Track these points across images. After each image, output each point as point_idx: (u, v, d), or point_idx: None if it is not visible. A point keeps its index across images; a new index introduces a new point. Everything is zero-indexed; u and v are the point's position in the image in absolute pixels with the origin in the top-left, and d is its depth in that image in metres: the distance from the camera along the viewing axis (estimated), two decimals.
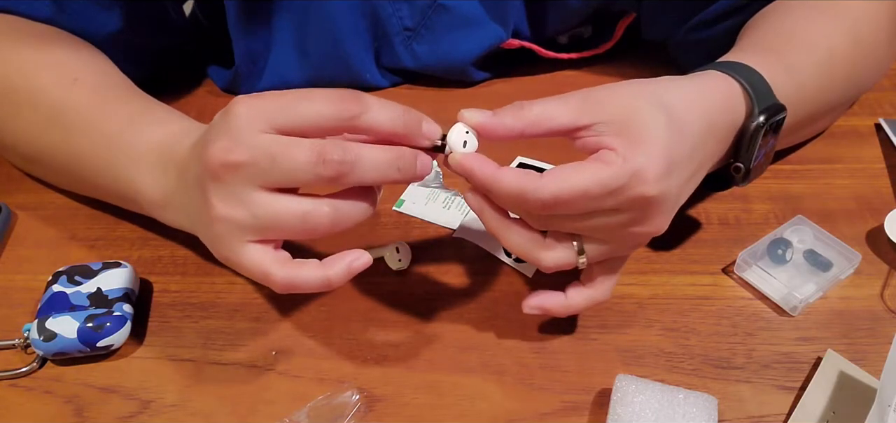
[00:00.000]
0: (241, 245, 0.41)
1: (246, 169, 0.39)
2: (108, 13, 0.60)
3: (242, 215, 0.40)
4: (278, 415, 0.45)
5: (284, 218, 0.40)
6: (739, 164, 0.48)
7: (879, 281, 0.52)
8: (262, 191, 0.40)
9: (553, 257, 0.43)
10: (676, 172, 0.42)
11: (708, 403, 0.43)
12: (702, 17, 0.64)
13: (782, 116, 0.48)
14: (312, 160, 0.39)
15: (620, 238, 0.43)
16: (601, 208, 0.41)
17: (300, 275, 0.41)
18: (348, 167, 0.39)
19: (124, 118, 0.52)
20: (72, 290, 0.50)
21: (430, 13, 0.67)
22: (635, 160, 0.40)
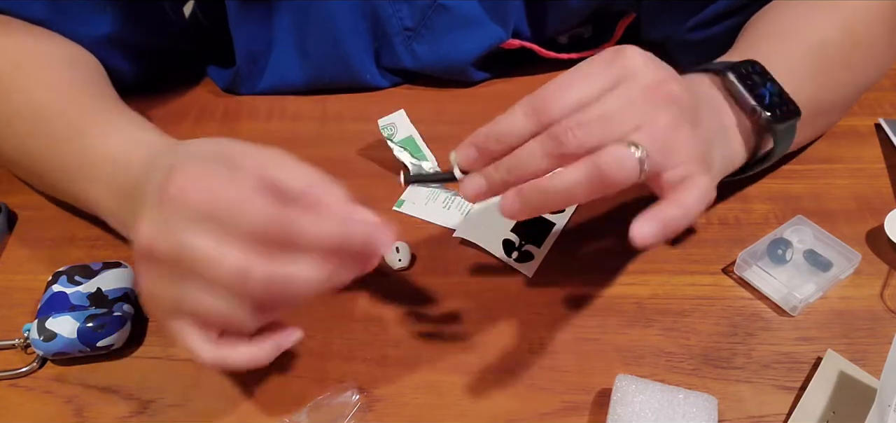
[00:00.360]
0: (168, 319, 0.40)
1: (167, 264, 0.38)
2: (103, 14, 0.60)
3: (166, 299, 0.39)
4: (278, 415, 0.45)
5: (206, 313, 0.39)
6: (755, 106, 0.48)
7: (879, 281, 0.52)
8: (186, 283, 0.38)
9: (609, 157, 0.38)
10: (659, 62, 0.43)
11: (708, 403, 0.43)
12: (701, 18, 0.64)
13: (756, 65, 0.50)
14: (235, 281, 0.36)
15: (646, 112, 0.40)
16: (603, 86, 0.41)
17: (228, 357, 0.40)
18: (276, 289, 0.37)
19: (82, 124, 0.51)
20: (72, 290, 0.50)
21: (430, 13, 0.67)
22: (615, 50, 0.42)
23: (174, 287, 0.38)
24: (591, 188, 0.39)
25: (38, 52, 0.57)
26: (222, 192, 0.36)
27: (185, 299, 0.38)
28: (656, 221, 0.39)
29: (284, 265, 0.37)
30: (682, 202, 0.40)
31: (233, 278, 0.36)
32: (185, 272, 0.37)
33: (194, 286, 0.38)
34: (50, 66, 0.56)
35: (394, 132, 0.62)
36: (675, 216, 0.40)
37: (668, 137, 0.41)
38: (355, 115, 0.69)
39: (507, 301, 0.52)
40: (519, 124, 0.41)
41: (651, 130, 0.40)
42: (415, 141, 0.62)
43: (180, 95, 0.72)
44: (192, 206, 0.37)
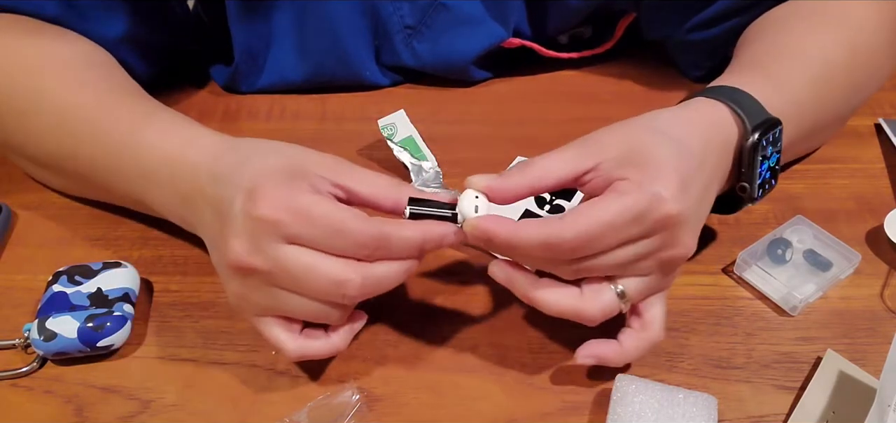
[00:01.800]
0: (257, 317, 0.44)
1: (264, 276, 0.41)
2: (115, 13, 0.60)
3: (260, 302, 0.43)
4: (278, 415, 0.45)
5: (302, 313, 0.43)
6: (744, 183, 0.48)
7: (879, 281, 0.52)
8: (281, 290, 0.42)
9: (595, 305, 0.42)
10: (691, 187, 0.42)
11: (708, 403, 0.43)
12: (701, 18, 0.64)
13: (779, 130, 0.48)
14: (332, 291, 0.41)
15: (653, 268, 0.43)
16: (629, 238, 0.40)
17: (312, 349, 0.44)
18: (367, 293, 0.42)
19: (131, 125, 0.51)
20: (72, 290, 0.50)
21: (430, 12, 0.67)
22: (651, 184, 0.40)
23: (267, 295, 0.42)
24: (569, 318, 0.43)
25: (58, 51, 0.57)
26: (317, 211, 0.40)
27: (279, 305, 0.42)
28: (597, 358, 0.45)
29: (376, 270, 0.41)
30: (627, 353, 0.45)
31: (330, 288, 0.41)
32: (280, 283, 0.41)
33: (288, 294, 0.42)
34: (76, 66, 0.56)
35: (394, 132, 0.62)
36: (613, 361, 0.45)
37: (656, 288, 0.44)
38: (355, 114, 0.69)
39: (507, 301, 0.52)
40: (535, 252, 0.41)
41: (646, 287, 0.43)
42: (415, 141, 0.62)
43: (180, 94, 0.72)
44: (286, 227, 0.40)
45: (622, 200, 0.40)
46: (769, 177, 0.49)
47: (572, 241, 0.40)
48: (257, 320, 0.44)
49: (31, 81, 0.55)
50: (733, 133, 0.47)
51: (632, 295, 0.43)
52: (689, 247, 0.42)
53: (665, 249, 0.42)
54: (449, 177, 0.61)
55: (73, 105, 0.53)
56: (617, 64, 0.74)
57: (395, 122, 0.62)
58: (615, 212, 0.40)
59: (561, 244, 0.40)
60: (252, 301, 0.43)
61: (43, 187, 0.62)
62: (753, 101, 0.48)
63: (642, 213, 0.40)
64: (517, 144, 0.63)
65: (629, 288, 0.43)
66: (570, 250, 0.40)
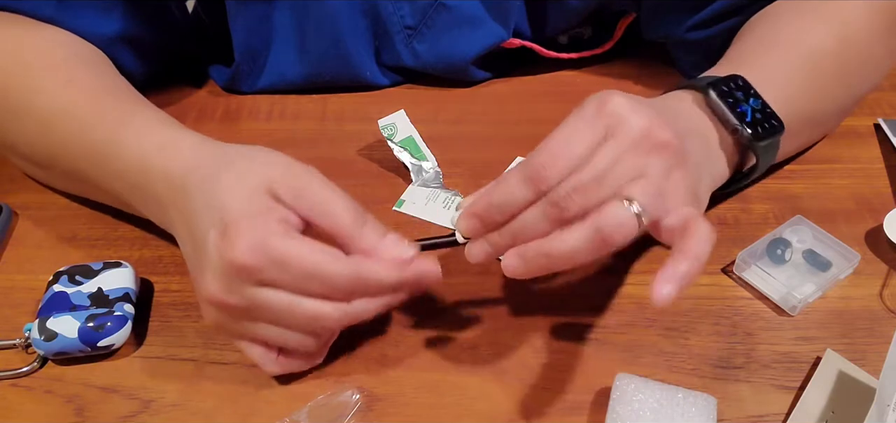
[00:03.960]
0: (235, 340, 0.45)
1: (241, 310, 0.42)
2: (110, 12, 0.60)
3: (236, 330, 0.44)
4: (278, 415, 0.45)
5: (283, 342, 0.44)
6: (735, 125, 0.49)
7: (878, 281, 0.52)
8: (258, 323, 0.43)
9: (608, 218, 0.39)
10: (634, 100, 0.43)
11: (707, 402, 0.43)
12: (701, 17, 0.64)
13: (739, 80, 0.50)
14: (310, 327, 0.43)
15: (641, 165, 0.41)
16: (594, 140, 0.41)
17: (294, 365, 0.46)
18: (345, 325, 0.43)
19: (110, 124, 0.51)
20: (72, 290, 0.50)
21: (431, 12, 0.67)
22: (591, 100, 0.43)
23: (244, 326, 0.43)
24: (593, 250, 0.40)
25: (49, 50, 0.57)
26: (291, 255, 0.40)
27: (257, 334, 0.43)
28: (675, 281, 0.39)
29: (354, 306, 0.42)
30: (691, 253, 0.40)
31: (308, 322, 0.42)
32: (257, 316, 0.42)
33: (266, 325, 0.43)
34: (66, 65, 0.56)
35: (394, 132, 0.62)
36: (689, 271, 0.40)
37: (662, 186, 0.42)
38: (355, 115, 0.69)
39: (507, 301, 0.52)
40: (517, 194, 0.42)
41: (645, 183, 0.41)
42: (415, 141, 0.62)
43: (180, 94, 0.72)
44: (261, 274, 0.40)
45: (575, 112, 0.43)
46: (761, 118, 0.50)
47: (543, 159, 0.41)
48: (237, 342, 0.45)
49: (23, 80, 0.55)
50: (693, 98, 0.50)
51: (639, 198, 0.40)
52: (659, 129, 0.42)
53: (638, 142, 0.41)
54: (449, 177, 0.61)
55: (61, 104, 0.53)
56: (617, 64, 0.74)
57: (395, 122, 0.62)
58: (570, 119, 0.43)
59: (535, 166, 0.41)
60: (230, 329, 0.44)
61: (43, 187, 0.62)
62: (705, 76, 0.51)
63: (588, 113, 0.42)
64: (517, 144, 0.63)
65: (633, 193, 0.40)
66: (546, 167, 0.41)
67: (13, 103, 0.55)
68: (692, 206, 0.43)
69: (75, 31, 0.59)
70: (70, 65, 0.56)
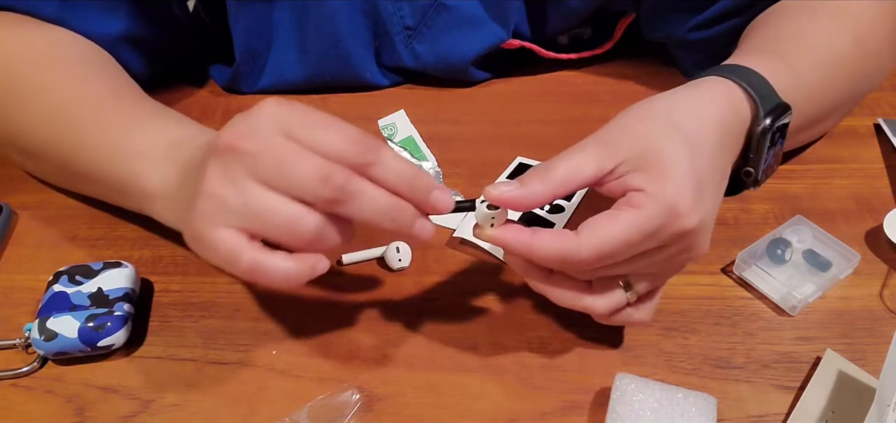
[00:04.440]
0: (218, 227, 0.40)
1: (252, 158, 0.39)
2: (112, 11, 0.61)
3: (233, 198, 0.40)
4: (278, 415, 0.45)
5: (272, 215, 0.39)
6: (749, 168, 0.48)
7: (878, 281, 0.52)
8: (260, 184, 0.39)
9: (603, 303, 0.44)
10: (705, 192, 0.41)
11: (707, 402, 0.43)
12: (702, 18, 0.64)
13: (788, 117, 0.48)
14: (316, 177, 0.39)
15: (665, 271, 0.44)
16: (644, 251, 0.41)
17: (268, 261, 0.40)
18: (346, 197, 0.39)
19: (132, 115, 0.53)
20: (73, 290, 0.50)
21: (430, 12, 0.67)
22: (665, 196, 0.40)
23: (242, 192, 0.40)
24: (578, 311, 0.45)
25: (58, 48, 0.57)
26: (313, 113, 0.40)
27: (251, 204, 0.39)
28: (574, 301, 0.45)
29: (362, 183, 0.40)
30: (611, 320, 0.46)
31: (316, 175, 0.39)
32: (263, 170, 0.39)
33: (265, 191, 0.39)
34: (76, 63, 0.57)
35: (394, 132, 0.62)
36: (599, 316, 0.46)
37: (664, 278, 0.45)
38: (355, 115, 0.69)
39: (507, 301, 0.52)
40: (553, 264, 0.43)
41: (654, 282, 0.45)
42: (415, 141, 0.62)
43: (180, 94, 0.72)
44: (286, 114, 0.40)
45: (639, 215, 0.40)
46: (772, 163, 0.50)
47: (588, 259, 0.40)
48: (217, 230, 0.40)
49: (32, 73, 0.55)
50: (747, 116, 0.47)
51: (640, 291, 0.44)
52: (703, 250, 0.43)
53: (680, 255, 0.42)
54: (449, 177, 0.61)
55: (73, 96, 0.54)
56: (617, 64, 0.74)
57: (395, 122, 0.62)
58: (632, 230, 0.40)
59: (576, 260, 0.40)
60: (222, 198, 0.40)
61: (43, 187, 0.62)
62: (766, 83, 0.48)
63: (658, 228, 0.40)
64: (517, 144, 0.63)
65: (639, 287, 0.44)
66: (585, 265, 0.41)
67: (20, 95, 0.55)
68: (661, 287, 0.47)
69: (79, 31, 0.59)
70: (80, 63, 0.57)
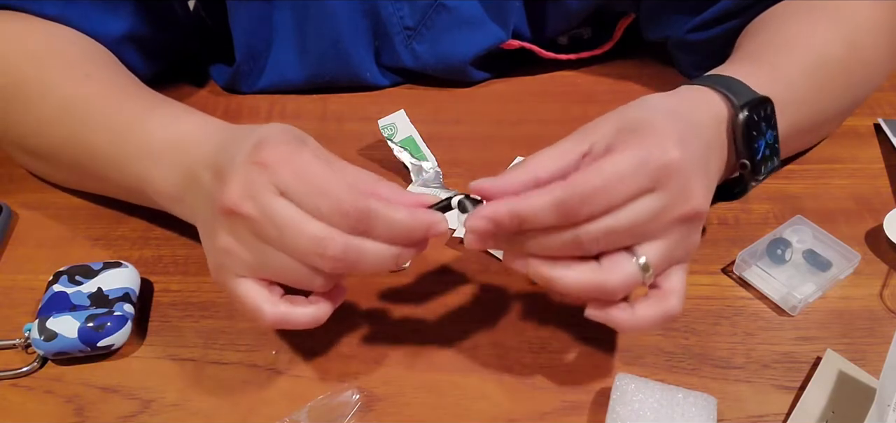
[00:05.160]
0: (237, 278, 0.43)
1: (255, 224, 0.41)
2: (114, 11, 0.61)
3: (247, 256, 0.42)
4: (278, 415, 0.45)
5: (285, 273, 0.42)
6: (744, 161, 0.48)
7: (878, 281, 0.52)
8: (268, 245, 0.41)
9: (616, 275, 0.41)
10: (688, 142, 0.42)
11: (707, 402, 0.43)
12: (701, 19, 0.64)
13: (770, 107, 0.48)
14: (314, 252, 0.40)
15: (669, 227, 0.41)
16: (637, 190, 0.40)
17: (292, 314, 0.43)
18: (346, 266, 0.41)
19: (138, 111, 0.53)
20: (72, 290, 0.50)
21: (430, 13, 0.67)
22: (649, 139, 0.40)
23: (252, 249, 0.42)
24: (591, 294, 0.42)
25: (62, 46, 0.57)
26: (311, 170, 0.41)
27: (262, 261, 0.42)
28: (605, 319, 0.43)
29: (356, 241, 0.41)
30: (643, 321, 0.42)
31: (311, 246, 0.40)
32: (265, 236, 0.41)
33: (272, 250, 0.41)
34: (81, 61, 0.57)
35: (394, 132, 0.62)
36: (624, 328, 0.43)
37: (675, 253, 0.42)
38: (355, 115, 0.69)
39: (507, 301, 0.52)
40: (545, 218, 0.40)
41: (662, 249, 0.42)
42: (415, 141, 0.62)
43: (181, 94, 0.72)
44: (282, 176, 0.40)
45: (623, 152, 0.40)
46: (770, 154, 0.49)
47: (582, 194, 0.39)
48: (238, 281, 0.43)
49: (37, 72, 0.55)
50: (723, 111, 0.47)
51: (653, 262, 0.41)
52: (700, 200, 0.42)
53: (677, 203, 0.41)
54: (449, 177, 0.61)
55: (78, 95, 0.54)
56: (616, 64, 0.74)
57: (395, 122, 0.62)
58: (619, 162, 0.40)
59: (570, 200, 0.39)
60: (236, 256, 0.42)
61: (43, 187, 0.62)
62: (740, 83, 0.48)
63: (644, 160, 0.40)
64: (517, 144, 0.63)
65: (649, 255, 0.41)
66: (580, 204, 0.39)
67: (26, 94, 0.55)
68: (689, 259, 0.45)
69: (82, 31, 0.59)
70: (85, 60, 0.57)
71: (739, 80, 0.49)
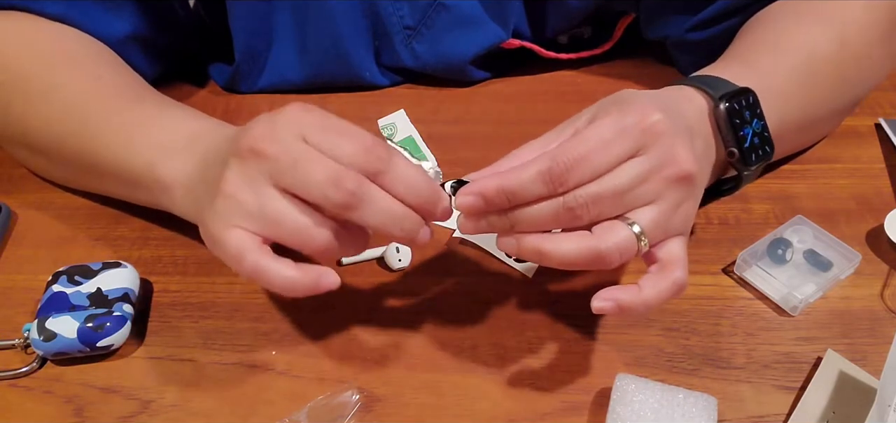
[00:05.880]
0: (231, 227, 0.41)
1: (269, 162, 0.41)
2: (118, 12, 0.61)
3: (249, 201, 0.41)
4: (278, 415, 0.45)
5: (285, 221, 0.41)
6: (732, 149, 0.49)
7: (879, 281, 0.52)
8: (275, 189, 0.41)
9: (611, 240, 0.41)
10: (670, 113, 0.43)
11: (708, 403, 0.43)
12: (701, 18, 0.64)
13: (751, 96, 0.49)
14: (328, 181, 0.40)
15: (659, 190, 0.42)
16: (622, 154, 0.41)
17: (271, 267, 0.41)
18: (357, 203, 0.40)
19: (152, 110, 0.53)
20: (72, 290, 0.50)
21: (430, 12, 0.67)
22: (630, 109, 0.42)
23: (258, 193, 0.41)
24: (588, 263, 0.41)
25: (68, 46, 0.57)
26: (331, 119, 0.42)
27: (265, 207, 0.41)
28: (614, 307, 0.42)
29: (375, 190, 0.41)
30: (648, 298, 0.42)
31: (329, 181, 0.40)
32: (279, 174, 0.41)
33: (280, 196, 0.41)
34: (88, 60, 0.57)
35: (394, 132, 0.62)
36: (634, 310, 0.42)
37: (670, 218, 0.42)
38: (355, 115, 0.68)
39: (507, 301, 0.52)
40: (533, 188, 0.40)
41: (656, 213, 0.42)
42: (415, 141, 0.62)
43: (180, 94, 0.72)
44: (305, 120, 0.42)
45: (606, 119, 0.42)
46: (759, 143, 0.50)
47: (566, 161, 0.40)
48: (231, 232, 0.41)
49: (44, 70, 0.55)
50: (703, 105, 0.48)
51: (646, 228, 0.41)
52: (687, 162, 0.42)
53: (665, 165, 0.41)
54: (449, 177, 0.61)
55: (86, 92, 0.54)
56: (616, 64, 0.74)
57: (395, 122, 0.62)
58: (602, 127, 0.41)
59: (556, 167, 0.40)
60: (237, 202, 0.41)
61: (43, 187, 0.62)
62: (720, 79, 0.49)
63: (628, 125, 0.41)
64: (517, 144, 0.62)
65: (642, 221, 0.41)
66: (566, 171, 0.40)
67: (31, 91, 0.55)
68: (684, 240, 0.44)
69: (85, 31, 0.59)
70: (90, 59, 0.57)
71: (720, 77, 0.50)
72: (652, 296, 0.42)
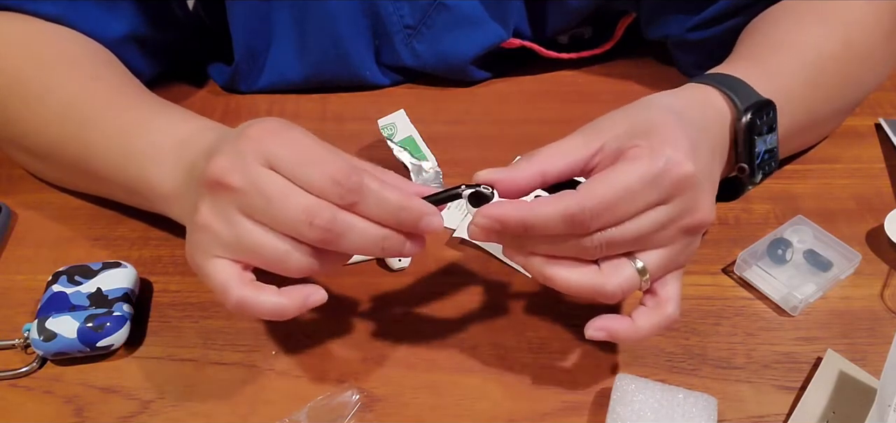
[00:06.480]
0: (212, 258, 0.41)
1: (237, 195, 0.40)
2: (115, 12, 0.61)
3: (224, 232, 0.41)
4: (278, 415, 0.45)
5: (262, 251, 0.41)
6: (743, 164, 0.48)
7: (879, 281, 0.52)
8: (249, 220, 0.40)
9: (615, 280, 0.41)
10: (699, 150, 0.42)
11: (708, 403, 0.43)
12: (701, 18, 0.64)
13: (772, 111, 0.49)
14: (302, 219, 0.39)
15: (674, 237, 0.42)
16: (648, 204, 0.40)
17: (256, 299, 0.41)
18: (333, 236, 0.40)
19: (143, 115, 0.53)
20: (72, 290, 0.50)
21: (430, 12, 0.67)
22: (662, 148, 0.40)
23: (231, 224, 0.40)
24: (590, 297, 0.42)
25: (65, 47, 0.57)
26: (301, 142, 0.40)
27: (241, 238, 0.40)
28: (607, 334, 0.43)
29: (348, 217, 0.40)
30: (640, 329, 0.43)
31: (299, 216, 0.39)
32: (250, 207, 0.40)
33: (253, 225, 0.40)
34: (84, 62, 0.57)
35: (394, 132, 0.62)
36: (625, 338, 0.43)
37: (675, 259, 0.43)
38: (355, 114, 0.69)
39: (507, 301, 0.52)
40: (555, 228, 0.40)
41: (663, 256, 0.42)
42: (415, 141, 0.62)
43: (180, 94, 0.72)
44: (270, 147, 0.40)
45: (637, 164, 0.40)
46: (768, 158, 0.50)
47: (592, 209, 0.39)
48: (211, 261, 0.41)
49: (40, 72, 0.55)
50: (726, 113, 0.48)
51: (652, 269, 0.42)
52: (708, 211, 0.42)
53: (685, 215, 0.41)
54: (449, 177, 0.61)
55: (82, 95, 0.54)
56: (617, 64, 0.74)
57: (395, 122, 0.62)
58: (632, 176, 0.39)
59: (581, 214, 0.39)
60: (213, 233, 0.41)
61: (42, 187, 0.62)
62: (743, 84, 0.49)
63: (658, 175, 0.40)
64: (517, 144, 0.63)
65: (649, 262, 0.42)
66: (590, 219, 0.39)
67: (27, 93, 0.55)
68: (686, 264, 0.45)
69: (82, 31, 0.59)
70: (86, 61, 0.57)
71: (740, 79, 0.49)
72: (644, 329, 0.43)
